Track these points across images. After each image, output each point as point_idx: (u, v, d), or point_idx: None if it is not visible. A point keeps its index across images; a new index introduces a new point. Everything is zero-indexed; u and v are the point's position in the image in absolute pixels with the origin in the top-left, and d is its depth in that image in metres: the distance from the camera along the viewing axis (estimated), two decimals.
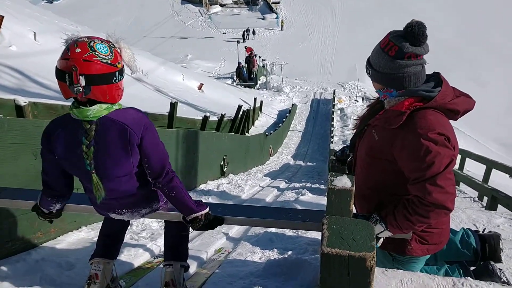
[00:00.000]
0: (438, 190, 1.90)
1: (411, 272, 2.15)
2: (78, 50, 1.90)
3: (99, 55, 1.93)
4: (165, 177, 2.15)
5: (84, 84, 1.89)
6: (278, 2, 62.57)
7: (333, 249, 1.08)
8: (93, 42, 1.95)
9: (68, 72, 1.87)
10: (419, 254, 2.24)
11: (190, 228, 2.34)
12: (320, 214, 2.41)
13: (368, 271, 1.05)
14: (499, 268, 2.63)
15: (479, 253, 2.66)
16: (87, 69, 1.89)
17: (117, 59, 2.02)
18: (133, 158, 2.08)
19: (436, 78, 2.14)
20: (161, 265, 2.85)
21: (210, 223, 2.27)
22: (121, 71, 2.07)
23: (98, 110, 1.99)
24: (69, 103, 4.61)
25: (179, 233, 2.71)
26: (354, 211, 2.20)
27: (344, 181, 2.10)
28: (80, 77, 1.87)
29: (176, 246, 2.75)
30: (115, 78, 2.00)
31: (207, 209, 2.28)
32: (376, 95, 2.44)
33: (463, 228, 2.80)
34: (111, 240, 2.72)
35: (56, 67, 1.93)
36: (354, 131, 2.60)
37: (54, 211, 2.39)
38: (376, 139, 2.19)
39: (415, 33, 1.98)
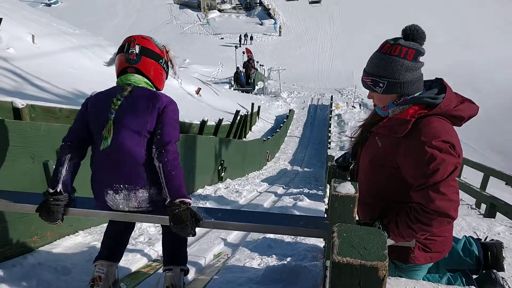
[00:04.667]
0: (441, 197, 1.87)
1: (414, 280, 2.12)
2: (139, 35, 2.48)
3: (154, 40, 2.49)
4: (171, 151, 2.30)
5: (137, 52, 2.37)
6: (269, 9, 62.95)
7: (344, 258, 1.05)
8: (150, 36, 2.52)
9: (128, 43, 2.40)
10: (422, 262, 2.21)
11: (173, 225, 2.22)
12: (323, 220, 2.38)
13: (380, 281, 1.02)
14: (502, 277, 2.61)
15: (482, 262, 2.63)
16: (143, 42, 2.42)
17: (164, 54, 2.51)
18: (149, 117, 2.28)
19: (439, 85, 2.12)
20: (161, 270, 2.86)
21: (192, 222, 2.21)
22: (167, 64, 2.53)
23: (139, 79, 2.39)
24: (67, 106, 4.63)
25: (177, 237, 2.61)
26: (357, 218, 2.17)
27: (347, 188, 2.07)
28: (137, 45, 2.38)
29: (174, 250, 2.78)
30: (161, 60, 2.47)
31: (192, 201, 2.29)
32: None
33: (465, 236, 2.77)
34: (115, 243, 2.76)
35: (119, 47, 2.45)
36: (354, 138, 2.56)
37: (59, 189, 2.29)
38: (379, 146, 2.16)
39: (420, 33, 2.00)
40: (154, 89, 2.43)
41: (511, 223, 4.23)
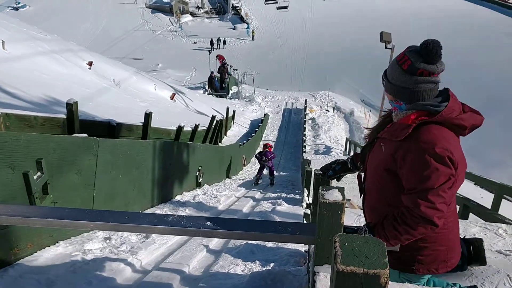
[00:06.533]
0: (427, 204, 1.94)
1: (399, 283, 2.18)
2: (268, 142, 16.82)
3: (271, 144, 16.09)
4: (272, 156, 14.44)
5: (269, 146, 15.33)
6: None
7: (348, 267, 1.09)
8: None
9: (265, 144, 15.45)
10: (425, 273, 2.24)
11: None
12: (310, 227, 2.43)
13: None
14: None
15: (466, 255, 2.71)
16: (269, 144, 15.41)
17: (271, 146, 15.41)
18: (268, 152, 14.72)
19: (445, 93, 2.16)
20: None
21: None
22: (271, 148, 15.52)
23: (267, 150, 14.76)
24: (42, 114, 4.60)
25: (273, 170, 14.45)
26: (346, 223, 2.22)
27: (335, 195, 2.12)
28: (266, 144, 15.32)
29: (272, 172, 14.44)
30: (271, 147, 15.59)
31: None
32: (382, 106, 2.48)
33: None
34: (259, 171, 14.46)
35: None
36: (365, 141, 2.60)
37: None
38: (383, 151, 2.22)
39: (429, 51, 2.01)
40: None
41: (485, 224, 4.38)
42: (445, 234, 2.16)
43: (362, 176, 2.58)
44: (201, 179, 9.99)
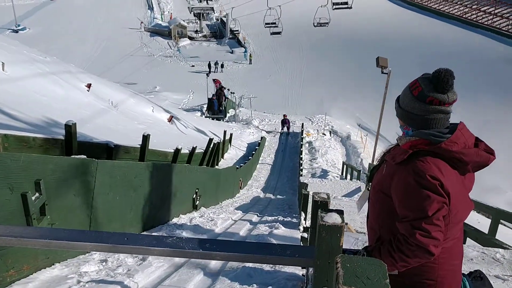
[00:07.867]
0: (422, 233, 1.95)
1: None
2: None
3: None
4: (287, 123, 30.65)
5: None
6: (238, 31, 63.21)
7: None
8: None
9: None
10: None
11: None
12: (309, 249, 2.43)
13: None
14: None
15: None
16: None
17: None
18: None
19: (455, 126, 2.13)
20: None
21: None
22: None
23: None
24: (41, 135, 4.66)
25: (289, 128, 30.15)
26: (345, 246, 2.23)
27: (334, 217, 2.14)
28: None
29: (289, 129, 30.50)
30: None
31: None
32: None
33: (463, 274, 2.55)
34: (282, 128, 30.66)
35: None
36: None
37: None
38: (383, 173, 2.26)
39: (440, 79, 2.02)
40: None
41: (483, 249, 4.38)
42: (434, 268, 2.14)
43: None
44: (198, 202, 9.95)
